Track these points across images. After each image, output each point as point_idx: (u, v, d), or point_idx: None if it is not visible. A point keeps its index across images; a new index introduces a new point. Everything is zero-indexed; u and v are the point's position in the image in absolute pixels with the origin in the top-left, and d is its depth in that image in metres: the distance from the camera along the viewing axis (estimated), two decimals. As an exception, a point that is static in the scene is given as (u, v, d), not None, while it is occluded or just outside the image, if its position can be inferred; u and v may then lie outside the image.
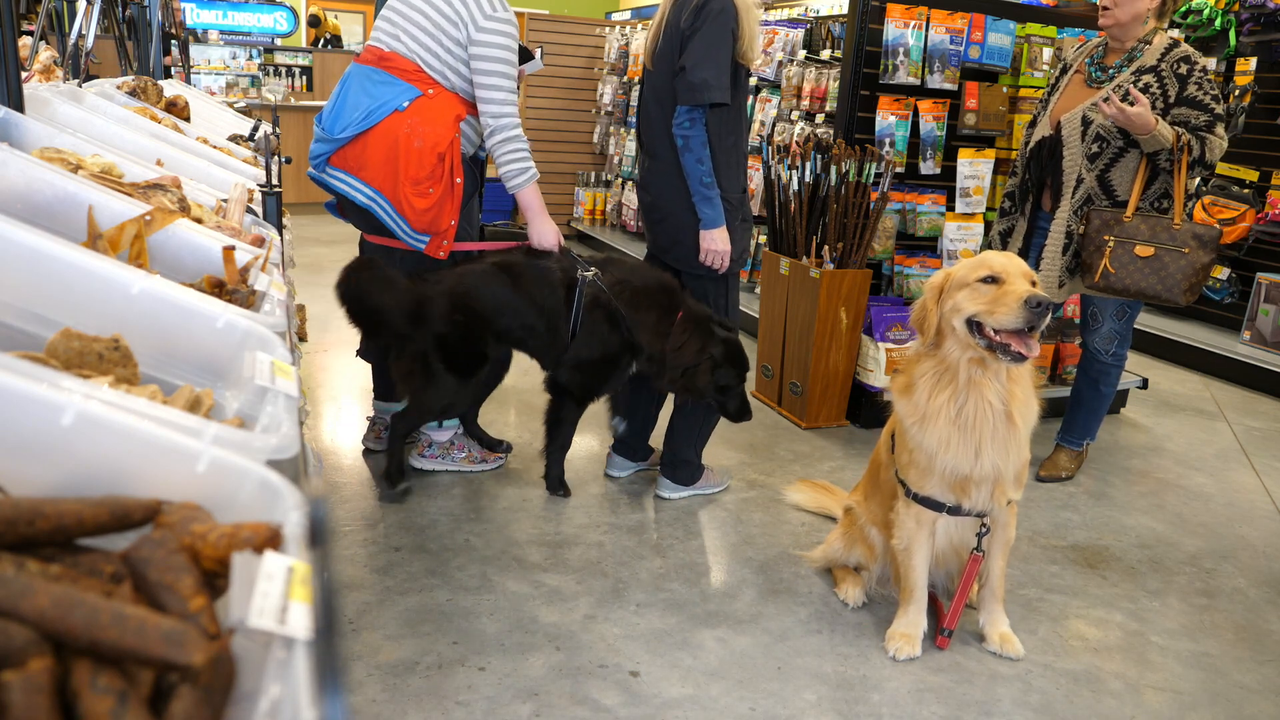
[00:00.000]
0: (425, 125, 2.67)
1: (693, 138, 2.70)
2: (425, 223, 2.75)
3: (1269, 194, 5.20)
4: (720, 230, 2.78)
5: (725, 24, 2.65)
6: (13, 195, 1.36)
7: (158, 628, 0.59)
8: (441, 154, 2.68)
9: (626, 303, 2.78)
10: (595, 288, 2.76)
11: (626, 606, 2.42)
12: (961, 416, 2.09)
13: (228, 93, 8.66)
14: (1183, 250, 2.97)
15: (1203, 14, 5.29)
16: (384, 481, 2.92)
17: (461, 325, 2.74)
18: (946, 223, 4.00)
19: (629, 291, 2.79)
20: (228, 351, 1.13)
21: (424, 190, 2.70)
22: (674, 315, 2.80)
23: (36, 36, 2.84)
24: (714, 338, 2.81)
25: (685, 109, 2.69)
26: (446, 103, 2.73)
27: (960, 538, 2.32)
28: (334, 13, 12.67)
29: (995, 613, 2.35)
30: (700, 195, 2.75)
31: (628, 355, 2.84)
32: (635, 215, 7.24)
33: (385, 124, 2.67)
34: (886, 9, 3.72)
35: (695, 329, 2.80)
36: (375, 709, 1.96)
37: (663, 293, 2.82)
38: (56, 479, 0.77)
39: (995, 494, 2.17)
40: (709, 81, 2.64)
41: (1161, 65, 3.02)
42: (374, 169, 2.70)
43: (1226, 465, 3.74)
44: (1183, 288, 2.98)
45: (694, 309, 2.83)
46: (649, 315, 2.79)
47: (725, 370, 2.83)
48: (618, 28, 7.73)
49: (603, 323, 2.78)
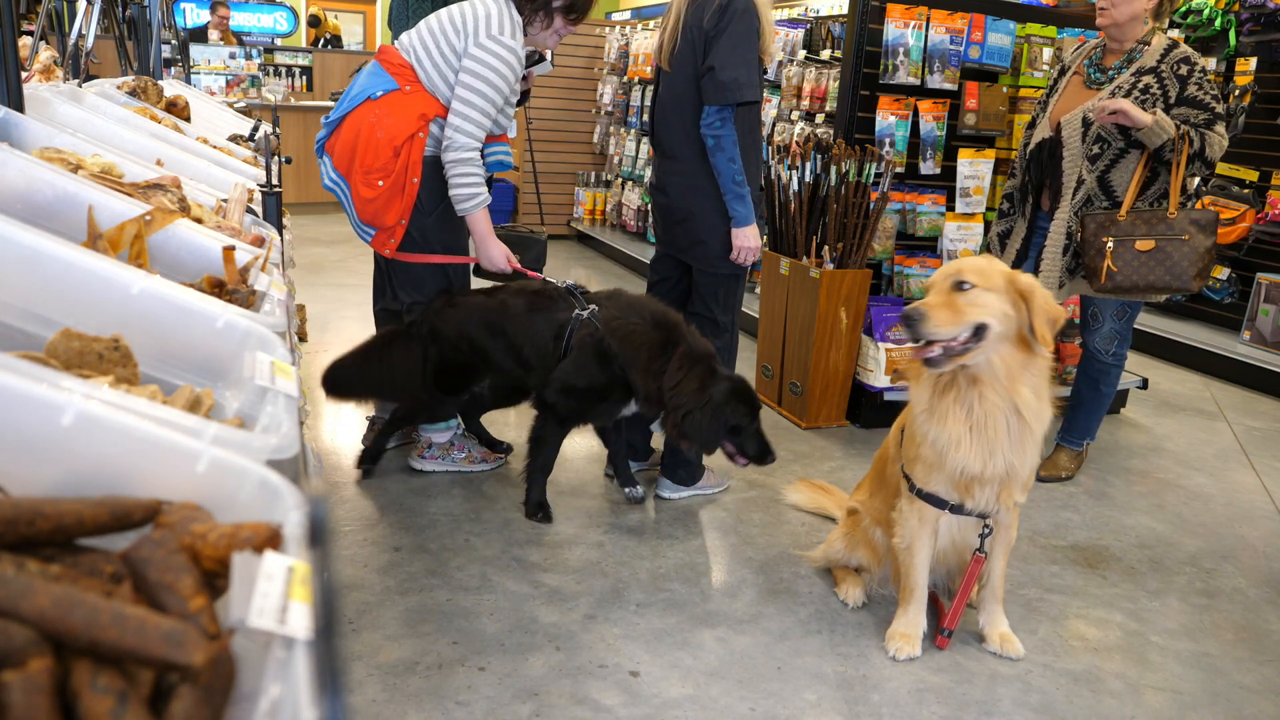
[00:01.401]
0: (390, 117, 2.69)
1: (724, 137, 2.71)
2: (369, 214, 2.78)
3: (1269, 194, 5.20)
4: (752, 227, 2.83)
5: (750, 23, 2.68)
6: (13, 195, 1.36)
7: (158, 628, 0.59)
8: (397, 148, 2.69)
9: (619, 340, 2.66)
10: (589, 326, 2.69)
11: (626, 606, 2.42)
12: (972, 416, 2.06)
13: (228, 92, 8.67)
14: (1183, 238, 2.98)
15: (1203, 14, 5.29)
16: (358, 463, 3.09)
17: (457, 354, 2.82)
18: (946, 223, 4.00)
19: (623, 329, 2.68)
20: (228, 351, 1.13)
21: (372, 181, 2.72)
22: (670, 353, 2.65)
23: (36, 36, 2.84)
24: (715, 375, 2.63)
25: (715, 109, 2.70)
26: (419, 101, 2.72)
27: (962, 537, 2.31)
28: (334, 13, 12.67)
29: (995, 613, 2.35)
30: (733, 194, 2.78)
31: (618, 392, 2.73)
32: (635, 215, 7.23)
33: (357, 111, 2.73)
34: (886, 9, 3.72)
35: (693, 367, 2.62)
36: (375, 709, 1.96)
37: (659, 329, 2.68)
38: (56, 479, 0.77)
39: (1002, 496, 2.15)
40: (739, 80, 2.66)
41: (1161, 66, 3.02)
42: (340, 154, 2.77)
43: (1226, 465, 3.74)
44: (1191, 274, 2.98)
45: (694, 346, 2.66)
46: (641, 353, 2.65)
47: (731, 409, 2.61)
48: (618, 28, 7.72)
49: (592, 358, 2.68)
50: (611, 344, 2.66)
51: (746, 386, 2.69)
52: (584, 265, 7.15)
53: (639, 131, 7.13)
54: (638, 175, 7.17)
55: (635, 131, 7.20)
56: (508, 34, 2.70)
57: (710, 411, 2.59)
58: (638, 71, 6.91)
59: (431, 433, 3.10)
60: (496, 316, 2.80)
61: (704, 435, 2.61)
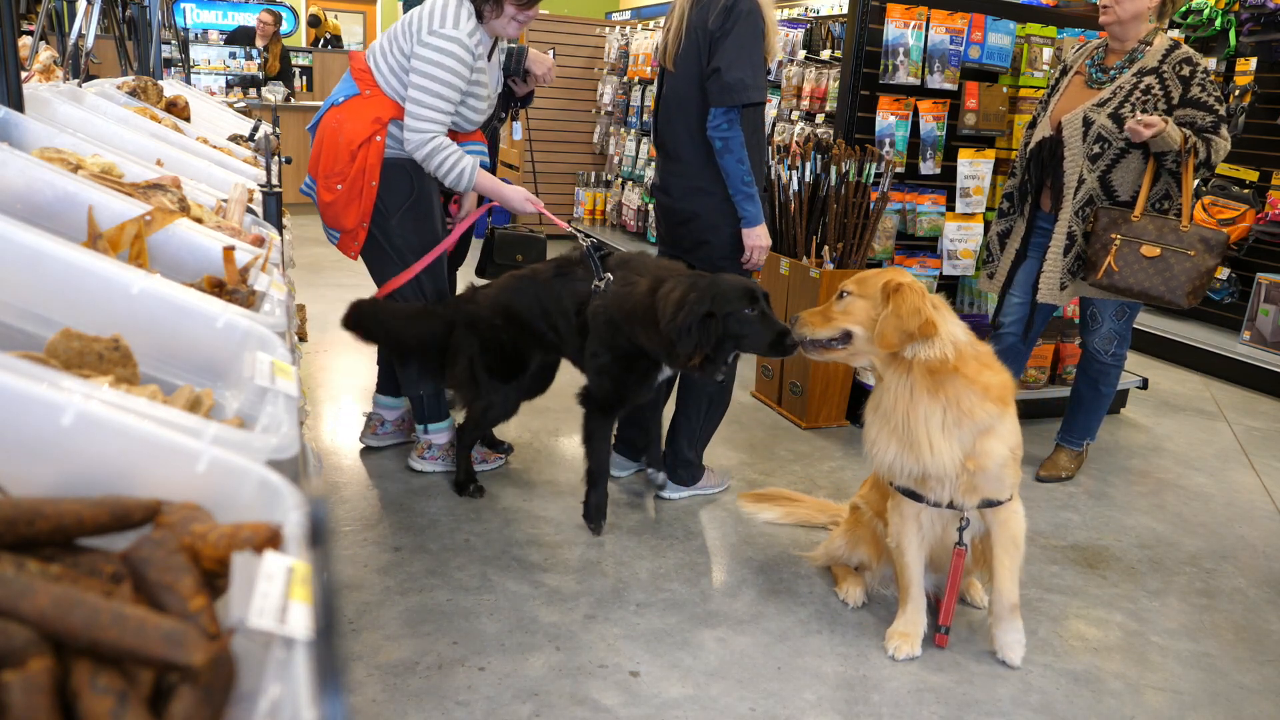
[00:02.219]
0: (350, 121, 2.74)
1: (731, 139, 2.71)
2: (330, 217, 2.85)
3: (1269, 194, 5.20)
4: (762, 227, 2.84)
5: (755, 24, 2.67)
6: (13, 195, 1.36)
7: (158, 628, 0.59)
8: (354, 151, 2.74)
9: (621, 309, 2.63)
10: (601, 297, 2.69)
11: (626, 606, 2.42)
12: (889, 417, 2.16)
13: (227, 93, 8.67)
14: (1188, 253, 2.97)
15: (1203, 14, 5.29)
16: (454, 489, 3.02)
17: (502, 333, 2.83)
18: (946, 223, 4.00)
19: (623, 297, 2.63)
20: (228, 351, 1.13)
21: (331, 185, 2.78)
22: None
23: (36, 36, 2.84)
24: (696, 281, 2.47)
25: (721, 110, 2.69)
26: (376, 104, 2.76)
27: (949, 537, 2.31)
28: (334, 13, 12.66)
29: (1006, 621, 2.26)
30: (742, 194, 2.78)
31: (643, 359, 2.67)
32: (635, 215, 7.23)
33: (324, 118, 2.81)
34: (886, 9, 3.72)
35: (674, 289, 2.48)
36: (375, 709, 1.96)
37: (651, 278, 2.58)
38: (56, 479, 0.77)
39: (963, 490, 2.16)
40: (745, 81, 2.66)
41: (1163, 67, 3.02)
42: (311, 160, 2.86)
43: (1226, 465, 3.74)
44: (1185, 290, 2.98)
45: (677, 277, 2.54)
46: (639, 314, 2.57)
47: (726, 300, 2.41)
48: (618, 28, 7.72)
49: (606, 333, 2.68)
50: (618, 316, 2.64)
51: (735, 278, 2.50)
52: (584, 265, 7.13)
53: (639, 131, 7.13)
54: (638, 175, 7.16)
55: (635, 131, 7.20)
56: (450, 25, 2.66)
57: (700, 313, 2.40)
58: (638, 71, 6.91)
59: (432, 434, 3.10)
60: (528, 286, 2.82)
61: (708, 342, 2.41)
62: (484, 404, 2.90)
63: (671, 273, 2.60)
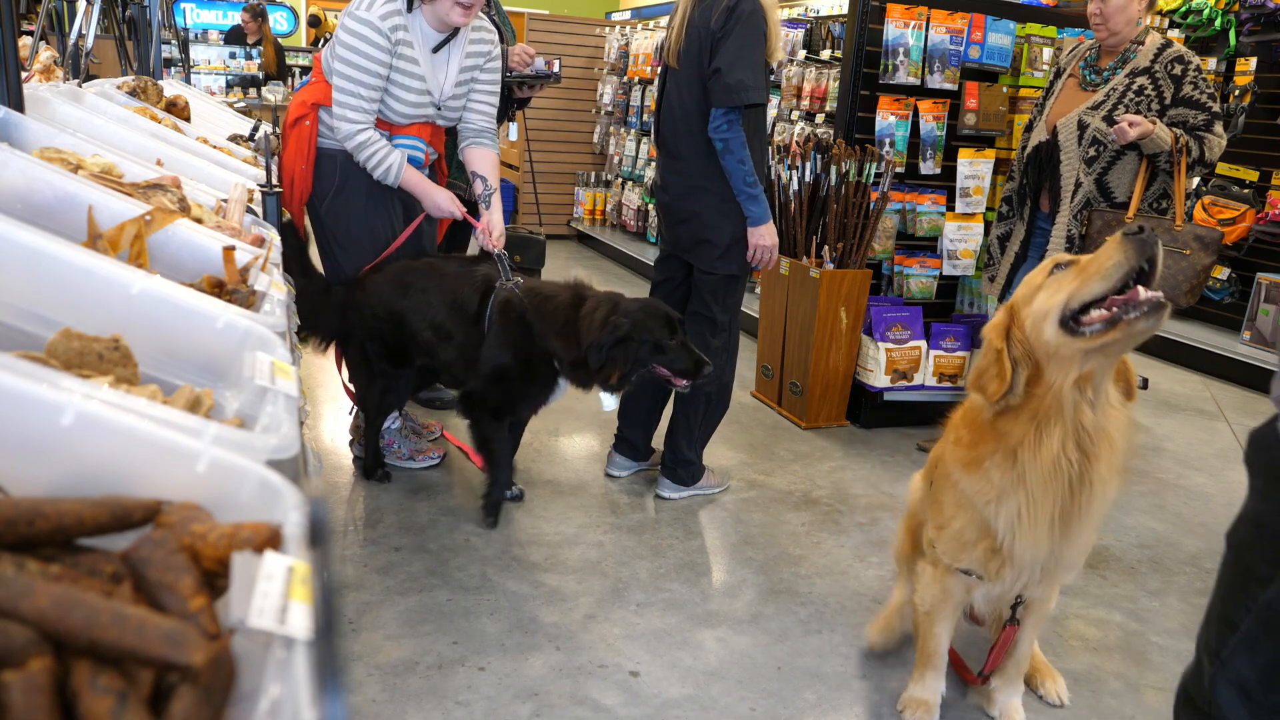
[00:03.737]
0: (292, 106, 2.87)
1: (732, 139, 2.71)
2: (284, 199, 2.84)
3: (1269, 194, 5.21)
4: (768, 226, 2.84)
5: (757, 25, 2.67)
6: (13, 195, 1.36)
7: (158, 628, 0.59)
8: (286, 134, 2.84)
9: (536, 309, 2.62)
10: (509, 293, 2.65)
11: (626, 606, 2.42)
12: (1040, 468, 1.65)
13: (227, 93, 8.67)
14: (1184, 252, 2.97)
15: (1203, 14, 5.29)
16: (362, 474, 3.07)
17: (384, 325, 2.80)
18: (946, 223, 4.00)
19: (540, 297, 2.64)
20: (228, 351, 1.13)
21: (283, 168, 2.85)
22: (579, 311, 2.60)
23: (36, 36, 2.84)
24: (620, 305, 2.56)
25: (722, 111, 2.69)
26: (315, 89, 2.83)
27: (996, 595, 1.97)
28: (334, 13, 12.66)
29: (1012, 682, 2.08)
30: (745, 195, 2.78)
31: (541, 366, 2.67)
32: (635, 215, 7.23)
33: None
34: (886, 9, 3.72)
35: (598, 307, 2.56)
36: (375, 709, 1.96)
37: (571, 292, 2.65)
38: (56, 479, 0.77)
39: (1042, 579, 1.82)
40: (745, 83, 2.65)
41: (1155, 66, 3.02)
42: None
43: (1226, 465, 3.74)
44: (1184, 289, 2.98)
45: (600, 296, 2.62)
46: (557, 317, 2.60)
47: (647, 327, 2.52)
48: (618, 28, 7.72)
49: (515, 327, 2.63)
50: (534, 316, 2.62)
51: (658, 303, 2.63)
52: (584, 265, 7.14)
53: (639, 131, 7.13)
54: (638, 175, 7.16)
55: (635, 131, 7.20)
56: (363, 9, 2.64)
57: (622, 335, 2.49)
58: (638, 71, 6.91)
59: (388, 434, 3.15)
60: (420, 278, 2.77)
61: (625, 362, 2.51)
62: (379, 388, 2.91)
63: (588, 290, 2.67)
